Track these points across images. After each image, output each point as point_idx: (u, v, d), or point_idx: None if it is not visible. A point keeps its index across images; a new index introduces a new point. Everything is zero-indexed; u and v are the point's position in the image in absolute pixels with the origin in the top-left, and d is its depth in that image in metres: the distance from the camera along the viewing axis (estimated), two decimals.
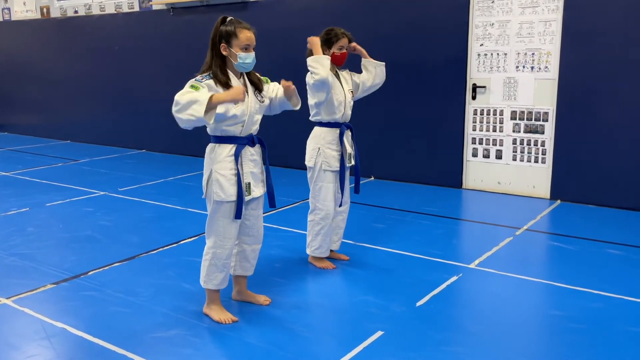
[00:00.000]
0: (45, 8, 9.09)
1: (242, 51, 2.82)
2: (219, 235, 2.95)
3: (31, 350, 2.78)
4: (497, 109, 5.55)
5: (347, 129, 3.68)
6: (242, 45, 2.82)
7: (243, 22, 2.88)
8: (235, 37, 2.81)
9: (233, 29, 2.81)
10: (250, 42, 2.84)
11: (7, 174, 6.80)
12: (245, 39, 2.82)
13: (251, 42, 2.85)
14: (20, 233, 4.54)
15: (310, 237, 3.74)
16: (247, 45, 2.84)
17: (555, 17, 5.12)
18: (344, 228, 3.88)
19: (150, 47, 7.93)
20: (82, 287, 3.50)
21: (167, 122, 8.85)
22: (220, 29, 2.84)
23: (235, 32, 2.81)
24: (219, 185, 2.88)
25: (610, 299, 3.24)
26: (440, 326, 2.97)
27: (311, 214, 3.72)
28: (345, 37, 3.56)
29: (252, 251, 3.16)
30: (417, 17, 5.77)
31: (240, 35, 2.81)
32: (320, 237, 3.68)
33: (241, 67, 2.87)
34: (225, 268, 3.03)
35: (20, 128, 10.15)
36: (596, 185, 5.11)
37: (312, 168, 3.65)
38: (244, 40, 2.82)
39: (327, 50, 3.54)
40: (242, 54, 2.82)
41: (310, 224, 3.72)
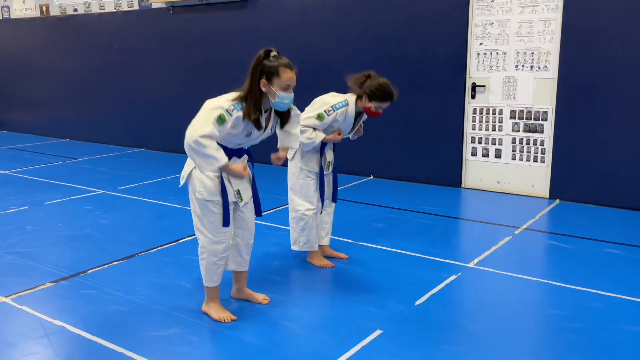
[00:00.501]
0: (44, 6, 9.08)
1: (282, 91, 2.77)
2: (213, 231, 2.93)
3: (30, 349, 2.78)
4: (496, 108, 5.55)
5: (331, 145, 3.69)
6: (283, 85, 2.77)
7: (285, 58, 2.80)
8: (277, 77, 2.75)
9: (276, 67, 2.75)
10: (291, 82, 2.79)
11: (6, 173, 6.79)
12: (287, 80, 2.76)
13: (292, 82, 2.80)
14: (19, 231, 4.54)
15: (295, 233, 3.73)
16: (288, 86, 2.79)
17: (554, 16, 5.12)
18: (330, 223, 3.87)
19: (150, 46, 7.92)
20: (81, 286, 3.49)
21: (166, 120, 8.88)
22: (263, 63, 2.78)
23: (278, 71, 2.75)
24: (202, 184, 2.87)
25: (609, 298, 3.25)
26: (439, 325, 2.97)
27: (293, 211, 3.71)
28: (392, 100, 3.44)
29: (246, 245, 3.14)
30: (417, 15, 5.77)
31: (283, 75, 2.75)
32: (306, 232, 3.68)
33: (278, 105, 2.82)
34: (222, 262, 3.02)
35: (20, 126, 10.15)
36: (595, 185, 5.11)
37: (292, 164, 3.64)
38: (286, 80, 2.76)
39: (366, 97, 3.42)
40: (281, 93, 2.77)
41: (294, 221, 3.72)
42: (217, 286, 3.07)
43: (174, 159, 7.44)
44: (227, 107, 2.72)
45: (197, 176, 2.89)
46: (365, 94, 3.42)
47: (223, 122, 2.69)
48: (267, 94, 2.79)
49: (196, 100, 8.55)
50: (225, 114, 2.70)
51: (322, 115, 3.42)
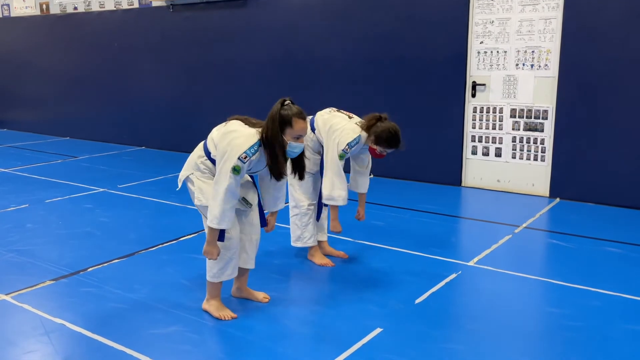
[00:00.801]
0: (44, 4, 9.07)
1: (293, 140, 2.84)
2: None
3: (30, 346, 2.78)
4: (496, 107, 5.55)
5: None
6: (295, 135, 2.83)
7: (297, 107, 2.85)
8: (289, 127, 2.81)
9: (289, 118, 2.81)
10: (303, 132, 2.86)
11: (6, 171, 6.79)
12: (299, 130, 2.83)
13: (304, 132, 2.87)
14: (19, 229, 4.54)
15: (299, 230, 3.75)
16: (300, 136, 2.85)
17: (555, 14, 5.12)
18: (326, 219, 3.89)
19: (150, 44, 7.92)
20: (81, 284, 3.50)
21: (167, 118, 8.87)
22: (279, 113, 2.82)
23: (291, 121, 2.81)
24: (200, 190, 2.93)
25: (609, 297, 3.25)
26: (439, 323, 2.97)
27: (295, 207, 3.73)
28: (397, 148, 3.47)
29: (250, 241, 3.13)
30: (417, 14, 5.76)
31: (296, 126, 2.81)
32: (310, 227, 3.72)
33: (289, 154, 2.90)
34: (235, 255, 3.03)
35: (20, 124, 10.14)
36: (595, 184, 5.11)
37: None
38: (298, 130, 2.83)
39: (374, 142, 3.44)
40: (292, 143, 2.84)
41: (297, 217, 3.74)
42: (220, 284, 3.07)
43: (174, 157, 7.44)
44: (240, 157, 2.77)
45: (196, 184, 2.94)
46: (374, 136, 3.44)
47: (239, 173, 2.78)
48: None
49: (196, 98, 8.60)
50: (240, 164, 2.77)
51: (343, 155, 3.49)
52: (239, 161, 2.77)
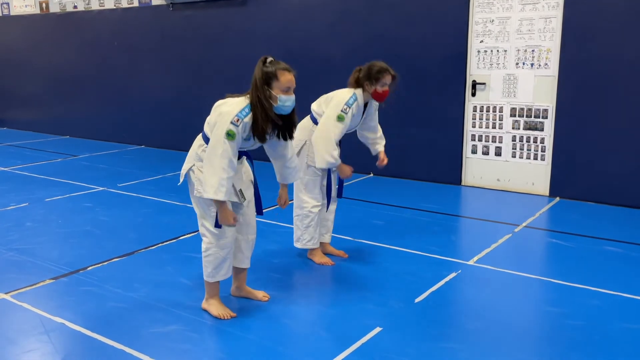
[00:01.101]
0: (44, 3, 9.07)
1: (282, 93, 2.80)
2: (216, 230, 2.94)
3: (30, 345, 2.78)
4: (496, 106, 5.55)
5: None
6: (283, 88, 2.79)
7: (283, 63, 2.84)
8: (276, 80, 2.78)
9: (274, 71, 2.78)
10: (291, 84, 2.82)
11: (6, 169, 6.79)
12: (287, 82, 2.79)
13: (292, 84, 2.83)
14: (19, 228, 4.54)
15: (299, 231, 3.74)
16: (288, 88, 2.81)
17: (555, 13, 5.11)
18: (332, 220, 3.87)
19: (150, 43, 7.92)
20: (81, 283, 3.50)
21: (166, 117, 8.87)
22: (262, 70, 2.80)
23: (276, 74, 2.78)
24: (200, 182, 2.88)
25: (608, 296, 3.25)
26: (439, 323, 2.97)
27: (298, 208, 3.72)
28: (389, 74, 3.47)
29: (246, 241, 3.14)
30: (417, 13, 5.76)
31: (282, 78, 2.78)
32: (310, 229, 3.69)
33: (280, 109, 2.84)
34: (230, 255, 3.02)
35: (19, 123, 10.14)
36: (595, 183, 5.11)
37: (299, 159, 3.63)
38: (285, 82, 2.79)
39: (368, 85, 3.46)
40: (282, 96, 2.79)
41: (298, 218, 3.72)
42: (218, 283, 3.07)
43: (174, 156, 7.44)
44: (233, 121, 2.74)
45: (197, 175, 2.90)
46: (365, 82, 3.47)
47: (233, 138, 2.74)
48: (269, 99, 2.81)
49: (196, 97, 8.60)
50: (232, 128, 2.74)
51: (342, 116, 3.45)
52: (231, 125, 2.73)
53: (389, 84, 3.49)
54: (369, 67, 3.47)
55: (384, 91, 3.48)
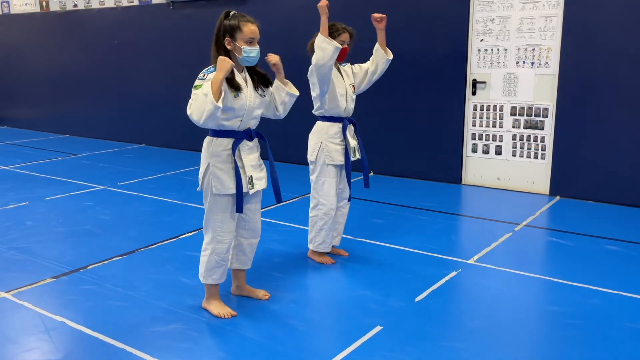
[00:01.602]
0: (44, 1, 9.06)
1: (246, 44, 2.80)
2: (217, 229, 2.95)
3: (30, 344, 2.78)
4: (497, 105, 5.55)
5: (349, 123, 3.67)
6: (246, 39, 2.79)
7: (247, 15, 2.85)
8: (239, 31, 2.78)
9: (237, 22, 2.79)
10: (254, 35, 2.82)
11: (7, 168, 6.79)
12: (250, 32, 2.79)
13: (255, 35, 2.82)
14: (19, 227, 4.54)
15: (313, 232, 3.73)
16: (252, 39, 2.81)
17: (555, 12, 5.11)
18: (343, 224, 3.87)
19: (150, 41, 7.91)
20: (81, 281, 3.50)
21: (166, 116, 8.87)
22: (224, 23, 2.82)
23: (239, 25, 2.78)
24: (217, 179, 2.88)
25: (608, 295, 3.25)
26: (439, 321, 2.97)
27: (314, 209, 3.70)
28: (346, 31, 3.55)
29: (250, 245, 3.15)
30: (417, 11, 5.75)
31: (245, 28, 2.78)
32: (323, 233, 3.68)
33: (245, 60, 2.84)
34: (225, 262, 3.03)
35: (20, 122, 10.14)
36: (595, 182, 5.11)
37: (315, 162, 3.64)
38: (249, 33, 2.79)
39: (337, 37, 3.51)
40: (246, 47, 2.80)
41: (313, 220, 3.71)
42: (217, 283, 3.07)
43: (174, 155, 7.45)
44: (199, 77, 2.75)
45: (212, 172, 2.88)
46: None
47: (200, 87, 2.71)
48: (234, 51, 2.81)
49: None
50: (199, 81, 2.73)
51: None
52: (198, 80, 2.73)
53: (348, 42, 3.56)
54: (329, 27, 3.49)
55: (343, 49, 3.52)
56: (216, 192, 2.89)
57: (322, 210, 3.66)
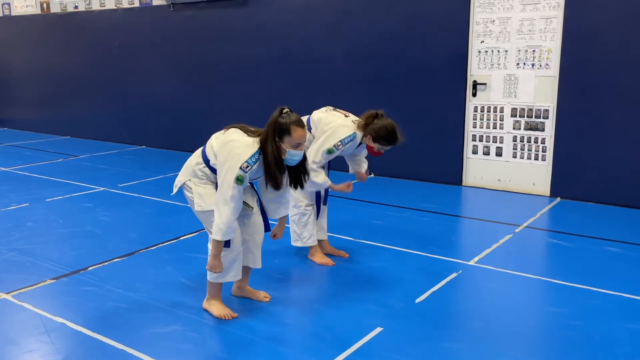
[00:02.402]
0: (45, 3, 9.07)
1: (292, 148, 2.82)
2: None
3: (30, 345, 2.78)
4: (497, 106, 5.55)
5: None
6: (293, 143, 2.82)
7: (296, 115, 2.85)
8: (288, 135, 2.80)
9: (288, 126, 2.79)
10: (302, 140, 2.84)
11: (7, 170, 6.79)
12: (298, 138, 2.81)
13: (303, 140, 2.85)
14: (20, 228, 4.54)
15: (298, 229, 3.75)
16: (299, 144, 2.83)
17: (556, 14, 5.11)
18: (325, 218, 3.89)
19: (150, 43, 7.92)
20: (82, 283, 3.50)
21: (167, 118, 8.87)
22: (278, 121, 2.81)
23: (289, 129, 2.79)
24: (199, 196, 2.93)
25: (609, 296, 3.25)
26: (439, 323, 2.97)
27: (295, 207, 3.72)
28: (395, 143, 3.45)
29: (254, 241, 3.14)
30: (417, 13, 5.76)
31: (294, 134, 2.80)
32: (309, 227, 3.72)
33: (288, 161, 2.88)
34: (239, 256, 3.03)
35: (20, 123, 10.15)
36: (596, 183, 5.11)
37: None
38: (297, 138, 2.81)
39: (371, 138, 3.44)
40: (292, 151, 2.82)
41: (296, 217, 3.73)
42: (221, 284, 3.07)
43: (174, 156, 7.44)
44: (242, 167, 2.77)
45: (194, 190, 2.94)
46: (370, 133, 3.44)
47: (242, 183, 2.78)
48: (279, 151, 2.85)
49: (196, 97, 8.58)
50: (242, 173, 2.77)
51: (332, 150, 3.47)
52: (241, 171, 2.77)
53: (387, 149, 3.50)
54: (384, 127, 3.40)
55: (379, 152, 3.51)
56: (199, 210, 2.94)
57: (302, 207, 3.69)
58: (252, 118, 3.87)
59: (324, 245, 3.88)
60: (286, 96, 6.50)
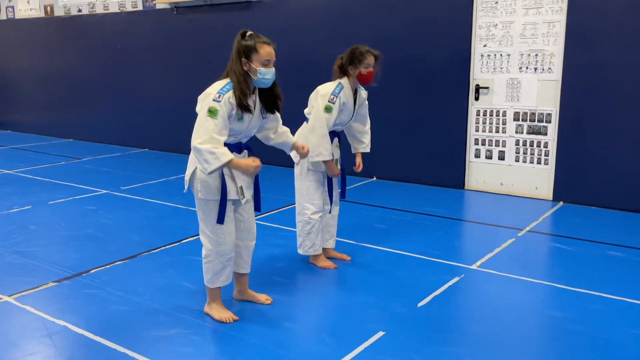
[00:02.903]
0: (49, 6, 9.10)
1: (262, 66, 2.79)
2: (216, 231, 2.94)
3: (32, 348, 2.78)
4: (500, 110, 5.54)
5: (335, 136, 3.68)
6: (262, 61, 2.79)
7: (263, 36, 2.84)
8: (255, 52, 2.78)
9: (253, 43, 2.79)
10: (270, 57, 2.81)
11: (10, 172, 6.81)
12: (266, 54, 2.79)
13: (271, 57, 2.82)
14: (22, 231, 4.55)
15: (301, 237, 3.72)
16: (268, 61, 2.81)
17: (559, 18, 5.11)
18: (335, 226, 3.87)
19: (153, 46, 7.94)
20: (84, 286, 3.50)
21: (170, 121, 8.89)
22: (241, 43, 2.82)
23: (255, 47, 2.78)
24: (203, 183, 2.88)
25: (611, 301, 3.24)
26: (442, 327, 2.96)
27: (299, 214, 3.70)
28: (370, 54, 3.51)
29: (246, 247, 3.14)
30: (420, 17, 5.76)
31: (261, 50, 2.78)
32: (312, 236, 3.67)
33: (261, 82, 2.83)
34: (230, 262, 3.02)
35: (23, 126, 10.17)
36: (599, 187, 5.10)
37: (299, 166, 3.63)
38: (265, 55, 2.79)
39: (352, 69, 3.50)
40: (262, 69, 2.79)
41: (300, 225, 3.70)
42: (219, 287, 3.07)
43: (177, 160, 7.45)
44: (215, 98, 2.73)
45: (198, 177, 2.89)
46: (349, 67, 3.51)
47: (215, 114, 2.70)
48: (249, 72, 2.81)
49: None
50: (214, 104, 2.72)
51: (329, 107, 3.46)
52: (213, 102, 2.71)
53: (373, 64, 3.52)
54: (351, 52, 3.52)
55: (368, 72, 3.52)
56: (201, 197, 2.89)
57: (307, 215, 3.64)
58: None
59: (326, 250, 3.87)
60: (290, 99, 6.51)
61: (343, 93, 3.50)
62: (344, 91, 3.51)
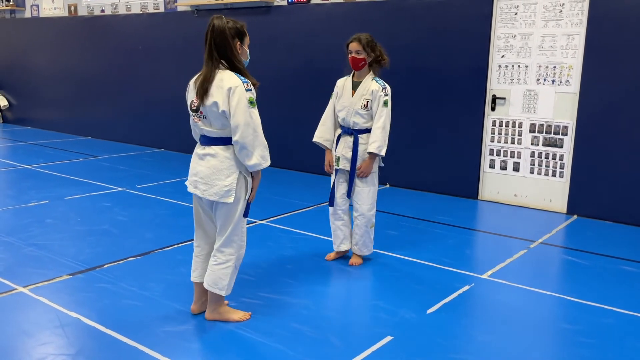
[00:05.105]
0: (72, 6, 9.26)
1: (247, 49, 2.95)
2: (243, 236, 2.98)
3: (44, 338, 2.83)
4: (516, 121, 5.53)
5: (347, 135, 3.73)
6: (249, 43, 2.96)
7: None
8: (246, 35, 2.93)
9: (241, 27, 2.90)
10: None
11: (29, 167, 6.92)
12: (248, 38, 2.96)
13: None
14: (39, 224, 4.62)
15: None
16: None
17: (578, 30, 5.09)
18: (357, 233, 3.88)
19: (174, 48, 8.03)
20: (97, 279, 3.55)
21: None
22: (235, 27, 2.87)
23: (245, 31, 2.92)
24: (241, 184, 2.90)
25: (623, 315, 3.21)
26: (450, 334, 2.96)
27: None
28: (353, 41, 3.79)
29: None
30: (439, 26, 5.78)
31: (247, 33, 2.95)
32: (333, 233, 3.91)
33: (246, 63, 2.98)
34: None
35: (44, 123, 10.32)
36: (613, 202, 5.06)
37: None
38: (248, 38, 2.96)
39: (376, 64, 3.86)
40: (248, 51, 2.98)
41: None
42: None
43: None
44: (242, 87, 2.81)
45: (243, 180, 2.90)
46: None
47: (255, 104, 2.82)
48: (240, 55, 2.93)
49: None
50: (250, 94, 2.82)
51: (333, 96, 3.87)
52: (248, 92, 2.79)
53: (356, 50, 3.79)
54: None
55: (351, 58, 3.82)
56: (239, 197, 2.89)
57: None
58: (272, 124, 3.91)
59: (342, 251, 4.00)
60: (306, 104, 6.55)
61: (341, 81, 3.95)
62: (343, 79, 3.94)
